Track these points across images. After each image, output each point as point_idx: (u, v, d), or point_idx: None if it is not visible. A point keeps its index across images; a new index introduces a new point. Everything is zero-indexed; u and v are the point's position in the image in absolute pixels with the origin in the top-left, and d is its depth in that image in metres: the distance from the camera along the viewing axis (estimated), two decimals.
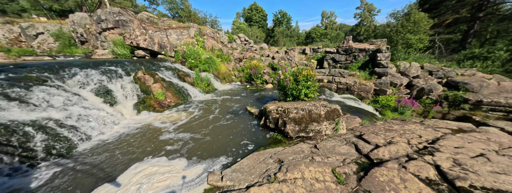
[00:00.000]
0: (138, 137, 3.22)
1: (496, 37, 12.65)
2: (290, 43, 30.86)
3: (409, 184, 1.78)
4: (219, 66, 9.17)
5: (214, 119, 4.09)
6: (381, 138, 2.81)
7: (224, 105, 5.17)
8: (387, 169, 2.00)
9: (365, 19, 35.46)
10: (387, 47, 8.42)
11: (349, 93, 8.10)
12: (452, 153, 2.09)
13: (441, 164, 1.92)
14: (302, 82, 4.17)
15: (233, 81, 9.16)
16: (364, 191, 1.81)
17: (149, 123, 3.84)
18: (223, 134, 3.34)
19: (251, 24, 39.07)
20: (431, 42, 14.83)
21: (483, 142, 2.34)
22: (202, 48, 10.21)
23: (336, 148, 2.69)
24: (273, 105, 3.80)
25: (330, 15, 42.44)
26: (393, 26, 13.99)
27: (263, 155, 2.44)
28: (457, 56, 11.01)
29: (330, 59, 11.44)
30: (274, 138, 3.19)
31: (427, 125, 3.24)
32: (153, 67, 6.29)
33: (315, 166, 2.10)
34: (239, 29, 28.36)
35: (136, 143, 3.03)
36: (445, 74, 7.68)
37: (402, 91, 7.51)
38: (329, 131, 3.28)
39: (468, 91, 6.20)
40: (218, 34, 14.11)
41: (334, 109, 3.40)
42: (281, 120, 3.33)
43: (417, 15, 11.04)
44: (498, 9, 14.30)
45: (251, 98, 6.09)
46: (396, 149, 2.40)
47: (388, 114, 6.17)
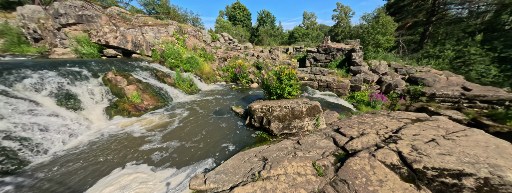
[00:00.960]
0: (109, 146, 2.92)
1: (445, 39, 14.89)
2: (274, 42, 31.41)
3: (377, 170, 2.00)
4: (203, 65, 8.85)
5: (197, 121, 3.95)
6: (355, 130, 3.08)
7: (208, 106, 5.02)
8: (359, 159, 2.21)
9: (341, 21, 38.09)
10: (360, 47, 9.21)
11: (329, 90, 8.64)
12: (411, 140, 2.41)
13: (402, 150, 2.20)
14: (285, 81, 4.31)
15: (218, 81, 8.95)
16: (341, 180, 1.96)
17: (123, 129, 3.50)
18: (207, 136, 3.25)
19: (235, 23, 38.55)
20: (396, 43, 16.73)
21: (434, 129, 2.75)
22: (183, 47, 9.70)
23: (316, 143, 2.86)
24: (258, 104, 3.85)
25: (310, 16, 44.42)
26: (365, 27, 15.36)
27: (248, 154, 2.46)
28: (416, 55, 12.66)
29: (312, 58, 12.01)
30: (259, 137, 3.24)
31: (392, 116, 3.66)
32: (127, 67, 5.75)
33: (297, 161, 2.20)
34: (223, 28, 27.76)
35: (107, 152, 2.75)
36: (407, 71, 8.76)
37: (373, 87, 8.32)
38: (311, 127, 3.47)
39: (425, 85, 7.19)
40: (201, 32, 13.58)
41: (314, 105, 3.60)
42: (266, 118, 3.39)
43: (384, 18, 12.32)
44: (446, 14, 16.84)
45: (237, 97, 6.05)
46: (367, 140, 2.67)
47: (363, 108, 6.78)
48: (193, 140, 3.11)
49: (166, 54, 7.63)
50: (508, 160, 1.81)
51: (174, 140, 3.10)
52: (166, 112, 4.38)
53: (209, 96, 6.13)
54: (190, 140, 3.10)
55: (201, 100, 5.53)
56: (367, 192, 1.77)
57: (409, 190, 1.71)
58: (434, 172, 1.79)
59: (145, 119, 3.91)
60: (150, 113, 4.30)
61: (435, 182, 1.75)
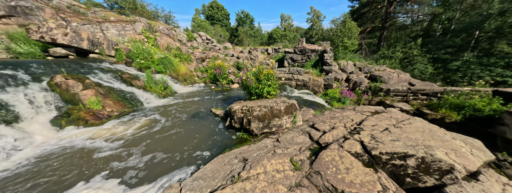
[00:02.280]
0: (58, 163, 2.45)
1: (396, 42, 17.67)
2: (254, 43, 31.75)
3: (345, 159, 2.24)
4: (178, 66, 8.30)
5: (173, 126, 3.68)
6: (327, 125, 3.39)
7: (185, 109, 4.74)
8: (330, 150, 2.44)
9: (315, 24, 41.15)
10: (330, 48, 10.12)
11: (306, 88, 9.23)
12: (370, 130, 2.78)
13: (364, 140, 2.52)
14: (264, 81, 4.41)
15: (196, 82, 8.53)
16: (315, 172, 2.13)
17: (77, 141, 2.98)
18: (183, 142, 3.06)
19: (213, 22, 37.42)
20: (359, 45, 19.02)
21: (388, 119, 3.24)
22: (154, 47, 8.89)
23: (294, 139, 3.03)
24: (238, 105, 3.83)
25: (287, 18, 46.54)
26: (334, 31, 16.98)
27: (228, 156, 2.44)
28: (375, 56, 14.65)
29: (289, 58, 12.61)
30: (240, 138, 3.23)
31: (357, 110, 4.15)
32: (83, 69, 4.94)
33: (276, 159, 2.29)
34: (200, 27, 26.55)
35: (54, 171, 2.29)
36: (369, 70, 10.05)
37: (343, 84, 9.27)
38: (289, 124, 3.65)
39: (382, 82, 8.39)
40: (175, 31, 12.70)
41: (291, 104, 3.80)
42: (246, 119, 3.41)
43: (350, 23, 13.87)
44: (395, 21, 19.99)
45: (217, 99, 5.89)
46: (337, 133, 2.96)
47: (334, 104, 7.49)
48: (168, 147, 2.89)
49: (134, 54, 6.86)
50: (437, 141, 2.27)
51: (145, 149, 2.81)
52: (135, 119, 3.94)
53: (187, 98, 5.79)
54: (164, 148, 2.86)
55: (177, 103, 5.17)
56: (336, 179, 1.97)
57: (369, 174, 1.98)
58: (387, 156, 2.11)
59: (107, 128, 3.43)
60: (115, 120, 3.80)
61: (388, 164, 2.06)
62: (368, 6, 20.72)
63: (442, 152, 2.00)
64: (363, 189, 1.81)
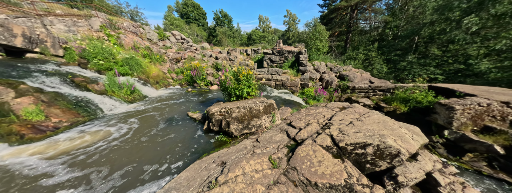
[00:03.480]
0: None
1: (359, 45, 20.15)
2: (233, 43, 31.40)
3: (317, 153, 2.44)
4: (149, 68, 7.53)
5: (141, 134, 3.32)
6: (303, 122, 3.61)
7: (157, 114, 4.33)
8: (305, 146, 2.61)
9: (291, 26, 43.35)
10: (305, 50, 10.83)
11: (284, 88, 9.63)
12: (338, 124, 3.10)
13: (333, 134, 2.79)
14: (243, 81, 4.41)
15: (171, 84, 7.91)
16: (291, 168, 2.25)
17: (7, 163, 2.30)
18: (156, 151, 2.80)
19: (189, 21, 35.41)
20: (330, 47, 20.97)
21: (352, 114, 3.67)
22: (117, 46, 7.85)
23: (273, 138, 3.13)
24: (217, 107, 3.73)
25: (265, 20, 47.67)
26: (307, 34, 18.29)
27: (206, 161, 2.35)
28: (343, 57, 16.39)
29: (268, 59, 12.94)
30: (219, 141, 3.15)
31: (328, 107, 4.57)
32: (15, 72, 3.99)
33: (255, 159, 2.32)
34: (173, 26, 24.73)
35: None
36: (338, 70, 11.17)
37: (317, 83, 10.04)
38: (268, 124, 3.74)
39: (349, 81, 9.44)
40: (143, 29, 11.50)
41: (270, 104, 3.91)
42: (225, 121, 3.35)
43: (319, 27, 15.15)
44: (358, 27, 22.77)
45: (194, 102, 5.59)
46: (311, 129, 3.19)
47: (310, 102, 8.05)
48: (136, 160, 2.59)
49: (90, 54, 5.90)
50: (388, 130, 2.69)
51: (107, 166, 2.43)
52: (92, 129, 3.38)
53: (159, 102, 5.31)
54: (132, 161, 2.54)
55: (148, 109, 4.69)
56: (310, 173, 2.12)
57: (337, 164, 2.20)
58: (351, 147, 2.39)
59: (52, 143, 2.83)
60: (65, 133, 3.18)
61: (352, 154, 2.34)
62: (335, 12, 23.05)
63: (392, 139, 2.38)
64: (332, 179, 2.00)
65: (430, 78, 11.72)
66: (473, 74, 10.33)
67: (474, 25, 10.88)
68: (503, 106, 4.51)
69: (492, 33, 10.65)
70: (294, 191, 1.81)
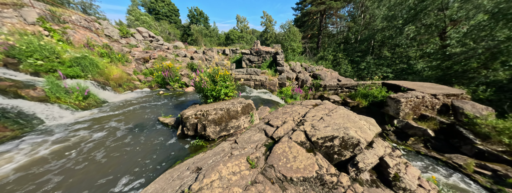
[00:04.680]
0: None
1: (328, 47, 22.23)
2: (210, 43, 30.25)
3: (293, 149, 2.58)
4: (108, 68, 6.54)
5: (97, 148, 2.85)
6: (280, 120, 3.76)
7: (120, 121, 3.81)
8: (281, 143, 2.72)
9: (268, 27, 44.55)
10: (281, 50, 11.30)
11: (263, 88, 9.84)
12: (311, 120, 3.35)
13: (307, 129, 3.00)
14: (220, 82, 4.30)
15: (138, 87, 7.06)
16: (269, 166, 2.31)
17: None
18: (118, 166, 2.45)
19: (159, 17, 32.28)
20: (304, 48, 22.47)
21: (323, 110, 4.02)
22: (63, 43, 6.55)
23: (251, 138, 3.15)
24: (192, 110, 3.52)
25: (243, 20, 47.55)
26: (282, 35, 19.16)
27: (179, 169, 2.19)
28: (315, 58, 17.80)
29: (247, 59, 12.97)
30: (194, 146, 2.98)
31: (303, 105, 4.88)
32: None
33: (233, 161, 2.29)
34: (140, 22, 22.10)
35: None
36: (312, 69, 12.06)
37: (294, 82, 10.61)
38: (247, 124, 3.76)
39: (321, 79, 10.32)
40: (100, 24, 9.92)
41: (248, 104, 3.92)
42: (200, 124, 3.19)
43: (293, 29, 16.06)
44: (327, 30, 25.08)
45: (166, 105, 5.14)
46: (287, 126, 3.35)
47: (288, 100, 8.46)
48: (90, 180, 2.21)
49: (22, 52, 4.72)
50: (351, 123, 3.05)
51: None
52: (20, 146, 2.71)
53: (122, 108, 4.67)
54: (84, 184, 2.15)
55: (108, 116, 4.06)
56: (286, 168, 2.23)
57: (310, 158, 2.37)
58: (322, 140, 2.61)
59: None
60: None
61: (322, 147, 2.56)
62: (307, 16, 24.84)
63: (353, 131, 2.72)
64: (305, 172, 2.15)
65: (383, 76, 13.91)
66: (413, 72, 12.75)
67: (412, 32, 13.45)
68: (432, 97, 5.70)
69: (424, 39, 13.37)
70: (271, 188, 1.87)
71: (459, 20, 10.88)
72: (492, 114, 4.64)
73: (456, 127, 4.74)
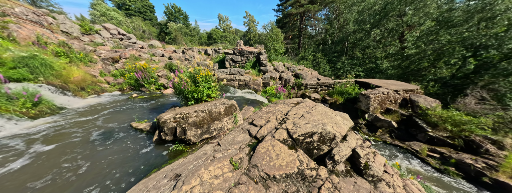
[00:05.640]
0: None
1: (308, 47, 23.44)
2: (192, 42, 28.85)
3: (276, 147, 2.64)
4: (67, 70, 5.66)
5: (52, 164, 2.44)
6: (263, 119, 3.81)
7: (83, 130, 3.34)
8: (265, 142, 2.76)
9: (251, 27, 44.66)
10: (264, 51, 11.46)
11: (248, 88, 9.84)
12: (292, 118, 3.48)
13: (288, 127, 3.11)
14: (202, 83, 4.13)
15: (106, 90, 6.29)
16: (252, 166, 2.32)
17: None
18: (81, 183, 2.14)
19: (131, 13, 29.33)
20: (286, 49, 23.21)
21: (304, 108, 4.23)
22: (4, 40, 5.42)
23: (235, 139, 3.12)
24: (170, 113, 3.30)
25: (225, 20, 46.61)
26: (265, 35, 19.46)
27: (154, 178, 2.03)
28: (297, 58, 18.57)
29: (230, 59, 12.78)
30: (174, 151, 2.81)
31: (285, 103, 5.05)
32: None
33: (215, 164, 2.23)
34: (106, 18, 19.68)
35: None
36: (294, 69, 12.55)
37: (277, 82, 10.88)
38: (230, 125, 3.70)
39: (303, 78, 10.82)
40: (54, 18, 8.51)
41: (231, 104, 3.87)
42: (180, 128, 3.02)
43: (276, 29, 16.46)
44: (307, 31, 26.39)
45: (141, 109, 4.71)
46: (271, 125, 3.42)
47: (272, 100, 8.64)
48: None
49: None
50: (328, 119, 3.28)
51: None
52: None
53: (87, 115, 4.10)
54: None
55: (67, 124, 3.51)
56: (269, 167, 2.27)
57: (292, 154, 2.47)
58: (302, 137, 2.74)
59: None
60: None
61: (303, 143, 2.69)
62: (288, 17, 25.73)
63: (330, 126, 2.93)
64: (287, 169, 2.23)
65: (356, 74, 15.35)
66: (379, 71, 14.38)
67: (377, 35, 15.14)
68: (395, 93, 6.52)
69: (388, 41, 15.20)
70: (255, 188, 1.89)
71: (413, 25, 12.70)
72: (439, 105, 5.56)
73: (413, 118, 5.53)
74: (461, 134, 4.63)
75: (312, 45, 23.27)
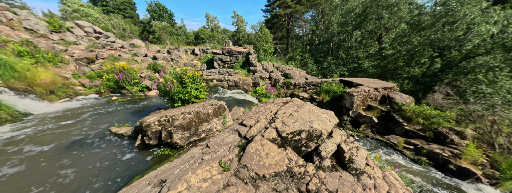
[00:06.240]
0: None
1: (296, 47, 24.04)
2: (178, 42, 27.74)
3: (265, 146, 2.67)
4: (32, 72, 5.05)
5: (18, 176, 2.18)
6: (253, 119, 3.83)
7: (52, 139, 3.00)
8: (255, 142, 2.78)
9: (240, 27, 44.37)
10: (253, 51, 11.48)
11: (237, 88, 9.78)
12: (281, 117, 3.55)
13: (278, 126, 3.16)
14: (189, 84, 4.00)
15: (80, 93, 5.75)
16: (242, 166, 2.32)
17: None
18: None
19: (109, 10, 27.16)
20: (275, 49, 23.53)
21: (292, 106, 4.34)
22: None
23: (224, 140, 3.08)
24: (155, 116, 3.14)
25: (213, 19, 45.63)
26: (254, 35, 19.54)
27: (137, 186, 1.92)
28: (285, 58, 18.94)
29: (219, 59, 12.56)
30: (159, 156, 2.67)
31: (275, 103, 5.12)
32: None
33: (203, 167, 2.18)
34: (80, 14, 17.95)
35: None
36: (283, 69, 12.78)
37: (267, 82, 10.98)
38: (219, 127, 3.65)
39: (291, 78, 11.08)
40: (15, 14, 7.54)
41: (220, 105, 3.81)
42: (165, 131, 2.89)
43: (264, 30, 16.59)
44: (294, 32, 27.02)
45: (122, 113, 4.40)
46: (260, 125, 3.44)
47: (262, 99, 8.70)
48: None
49: None
50: (315, 117, 3.41)
51: None
52: None
53: (58, 120, 3.70)
54: None
55: (32, 133, 3.13)
56: (259, 167, 2.29)
57: (281, 153, 2.52)
58: (291, 135, 2.81)
59: None
60: None
61: (292, 141, 2.76)
62: (276, 18, 26.11)
63: (317, 123, 3.05)
64: (277, 167, 2.27)
65: (341, 74, 16.18)
66: (361, 70, 15.34)
67: (359, 37, 16.13)
68: (375, 90, 7.01)
69: (368, 42, 16.27)
70: (244, 189, 1.89)
71: (390, 28, 13.79)
72: (412, 101, 6.11)
73: (391, 113, 6.01)
74: (431, 126, 5.16)
75: (300, 45, 23.94)
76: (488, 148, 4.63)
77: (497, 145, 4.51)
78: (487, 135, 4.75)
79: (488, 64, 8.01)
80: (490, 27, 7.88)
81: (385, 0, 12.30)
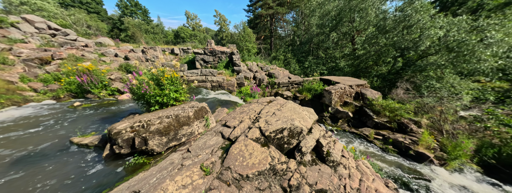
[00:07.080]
0: None
1: (280, 48, 24.66)
2: (155, 41, 25.73)
3: (249, 146, 2.68)
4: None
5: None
6: (237, 120, 3.80)
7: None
8: (238, 142, 2.76)
9: (223, 27, 43.43)
10: (237, 50, 11.38)
11: (222, 89, 9.58)
12: (265, 116, 3.61)
13: (261, 126, 3.21)
14: (167, 85, 3.75)
15: (31, 100, 4.88)
16: (225, 168, 2.29)
17: None
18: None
19: (68, 3, 23.63)
20: (259, 49, 23.74)
21: (276, 105, 4.45)
22: None
23: (207, 143, 2.99)
24: (127, 122, 2.86)
25: (194, 17, 43.65)
26: (237, 35, 19.39)
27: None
28: (269, 58, 19.28)
29: (201, 59, 12.10)
30: (132, 166, 2.45)
31: (259, 102, 5.18)
32: None
33: (183, 173, 2.08)
34: (29, 7, 15.15)
35: None
36: (267, 69, 12.97)
37: (252, 82, 11.01)
38: (202, 129, 3.52)
39: (275, 77, 11.33)
40: None
41: (201, 107, 3.68)
42: (139, 138, 2.66)
43: (247, 29, 16.59)
44: (277, 32, 27.65)
45: (87, 120, 3.89)
46: (244, 125, 3.44)
47: (248, 100, 8.69)
48: None
49: None
50: (296, 114, 3.57)
51: None
52: None
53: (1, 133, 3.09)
54: None
55: None
56: (242, 167, 2.29)
57: (264, 152, 2.56)
58: (274, 134, 2.88)
59: None
60: None
61: (275, 139, 2.83)
62: (259, 18, 26.33)
63: (298, 121, 3.19)
64: (260, 166, 2.30)
65: (321, 72, 17.23)
66: (338, 69, 16.59)
67: (335, 38, 17.38)
68: (350, 87, 7.65)
69: (343, 43, 17.65)
70: (227, 191, 1.87)
71: (361, 30, 15.20)
72: (380, 96, 6.86)
73: (363, 108, 6.65)
74: (395, 118, 5.89)
75: (283, 45, 24.61)
76: (438, 134, 5.50)
77: (445, 131, 5.39)
78: (437, 123, 5.65)
79: (436, 62, 9.50)
80: (437, 30, 9.35)
81: (356, 5, 13.52)
